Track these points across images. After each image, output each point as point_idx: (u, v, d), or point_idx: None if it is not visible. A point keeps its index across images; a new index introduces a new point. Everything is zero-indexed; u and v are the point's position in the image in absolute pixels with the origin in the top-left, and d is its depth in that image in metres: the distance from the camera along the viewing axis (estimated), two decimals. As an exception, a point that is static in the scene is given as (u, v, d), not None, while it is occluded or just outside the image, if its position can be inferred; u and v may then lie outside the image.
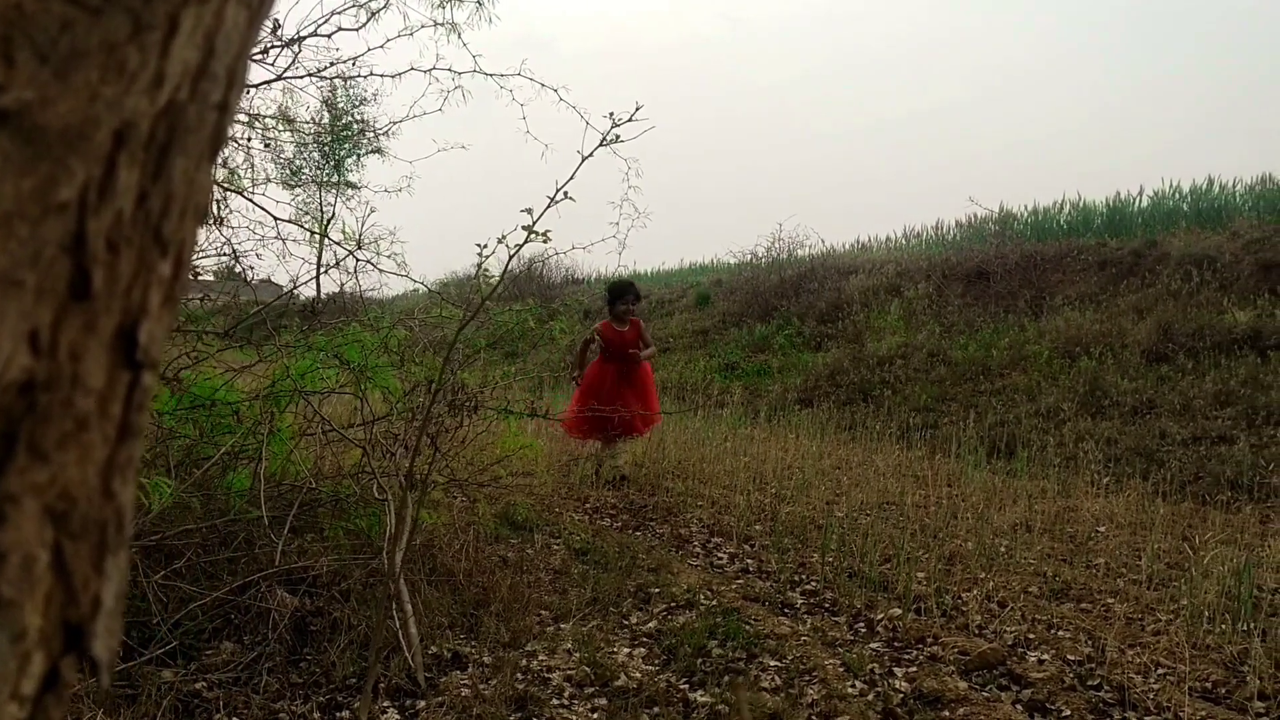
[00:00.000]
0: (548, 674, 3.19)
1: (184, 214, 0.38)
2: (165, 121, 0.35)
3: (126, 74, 0.33)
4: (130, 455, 0.37)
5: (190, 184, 0.37)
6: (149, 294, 0.36)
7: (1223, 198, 14.26)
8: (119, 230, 0.34)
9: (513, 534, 5.17)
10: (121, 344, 0.35)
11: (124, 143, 0.34)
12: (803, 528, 5.51)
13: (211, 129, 0.38)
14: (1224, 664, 3.40)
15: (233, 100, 0.39)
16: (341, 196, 23.41)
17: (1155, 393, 9.04)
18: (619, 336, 7.17)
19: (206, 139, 0.38)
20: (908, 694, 3.19)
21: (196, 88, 0.36)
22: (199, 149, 0.37)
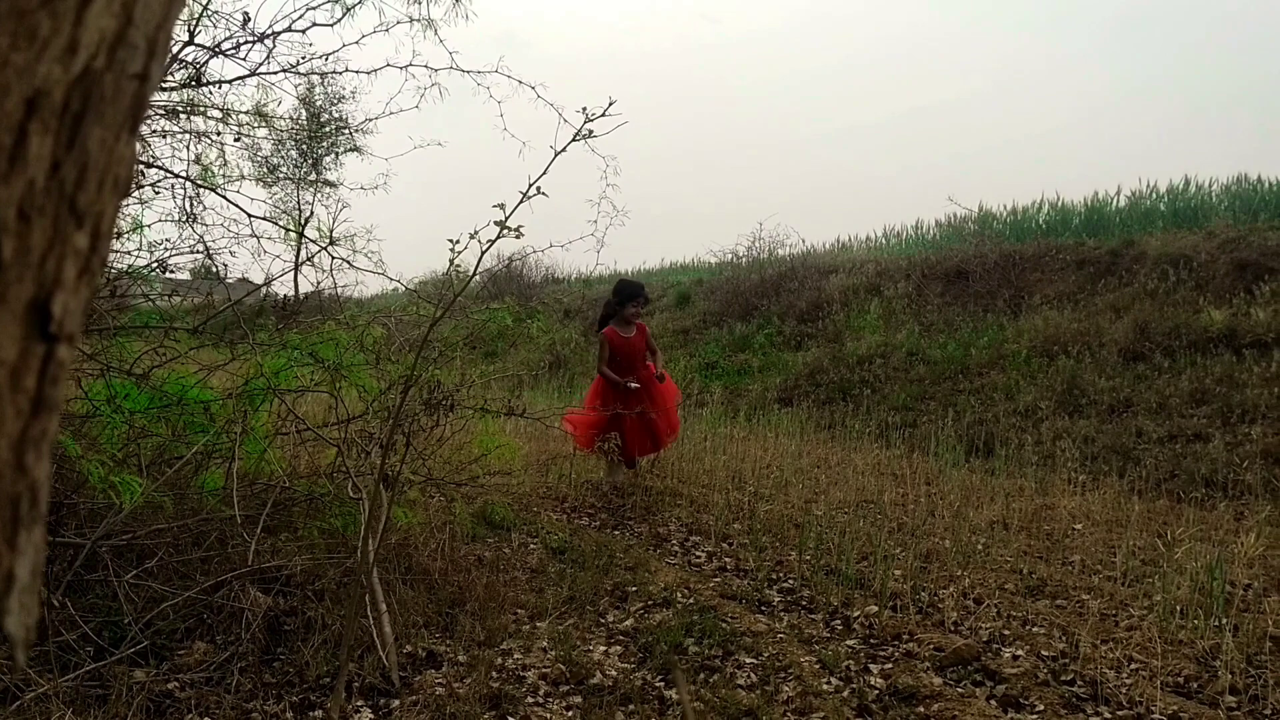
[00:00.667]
0: (523, 672, 3.18)
1: (102, 185, 0.37)
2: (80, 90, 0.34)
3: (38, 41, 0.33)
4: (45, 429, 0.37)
5: (109, 155, 0.37)
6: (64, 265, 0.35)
7: (1199, 198, 14.37)
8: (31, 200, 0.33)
9: (490, 533, 5.15)
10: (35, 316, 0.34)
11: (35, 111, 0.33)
12: (781, 526, 5.51)
13: (131, 99, 0.37)
14: (1196, 659, 3.43)
15: (154, 71, 0.38)
16: (319, 195, 23.29)
17: (1132, 391, 9.09)
18: (627, 345, 6.62)
19: (125, 109, 0.37)
20: (883, 690, 3.19)
21: (114, 56, 0.35)
22: (117, 119, 0.37)
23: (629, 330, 6.66)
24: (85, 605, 3.32)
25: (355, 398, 4.93)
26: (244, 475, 4.24)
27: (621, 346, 6.62)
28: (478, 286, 21.86)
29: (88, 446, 3.78)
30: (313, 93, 22.38)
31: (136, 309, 4.62)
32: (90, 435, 3.96)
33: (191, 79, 4.47)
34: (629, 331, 6.66)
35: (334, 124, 21.59)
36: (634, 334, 6.67)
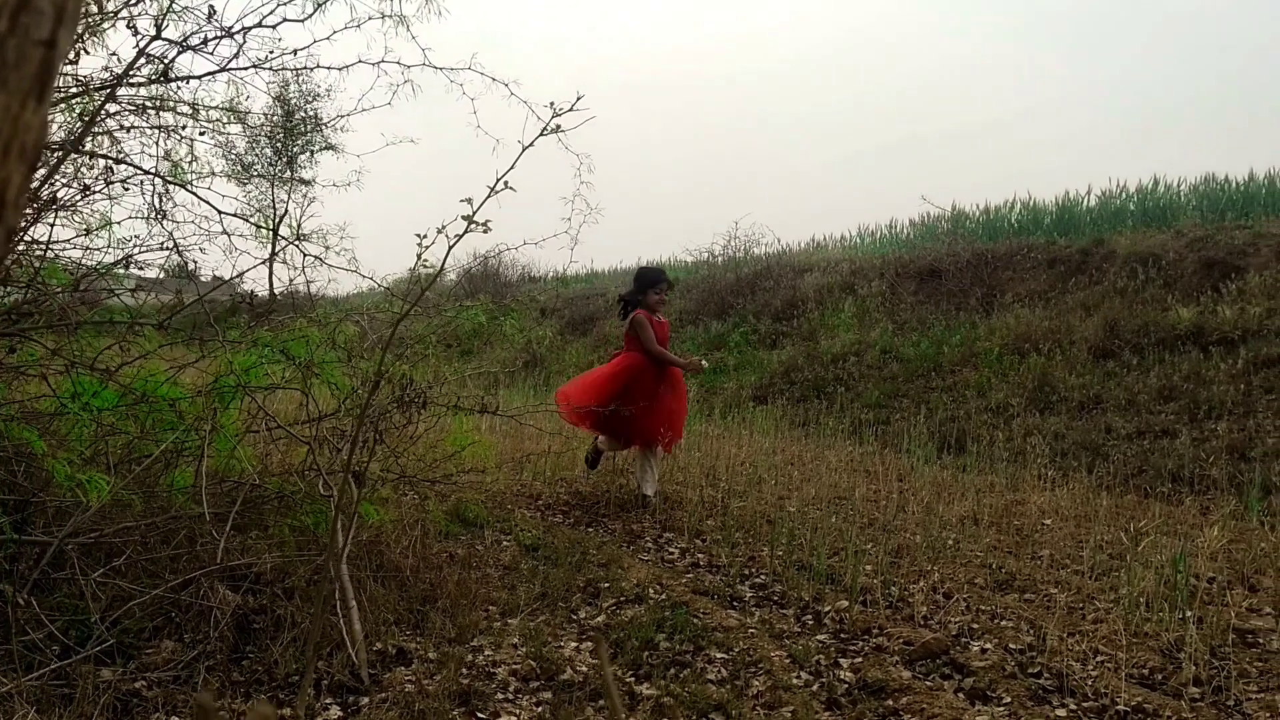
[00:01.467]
0: (493, 669, 3.18)
1: (6, 153, 0.36)
2: (-19, 56, 0.34)
3: (-58, 7, 0.32)
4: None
5: (14, 122, 0.36)
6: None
7: (1168, 197, 14.52)
8: (-67, 168, 0.33)
9: (463, 531, 5.13)
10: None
11: (-63, 78, 0.33)
12: (754, 522, 5.53)
13: (37, 66, 0.37)
14: (1161, 651, 3.46)
15: (62, 37, 0.38)
16: (294, 193, 23.13)
17: (1102, 388, 9.18)
18: (662, 329, 6.22)
19: (31, 76, 0.37)
20: (852, 684, 3.21)
21: (16, 21, 0.35)
22: (22, 86, 0.36)
23: (657, 315, 6.26)
24: (52, 604, 3.29)
25: (328, 395, 4.91)
26: (214, 473, 4.21)
27: (659, 327, 6.19)
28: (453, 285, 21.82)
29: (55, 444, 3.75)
30: (287, 90, 22.28)
31: (105, 306, 4.57)
32: (58, 433, 3.92)
33: (159, 74, 4.42)
34: (658, 317, 6.27)
35: (309, 122, 21.47)
36: (662, 319, 6.31)
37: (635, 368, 6.06)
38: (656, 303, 6.21)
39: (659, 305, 6.25)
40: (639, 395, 5.91)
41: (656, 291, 6.21)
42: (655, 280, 6.28)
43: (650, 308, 6.18)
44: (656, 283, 6.26)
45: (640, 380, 6.00)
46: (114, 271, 4.61)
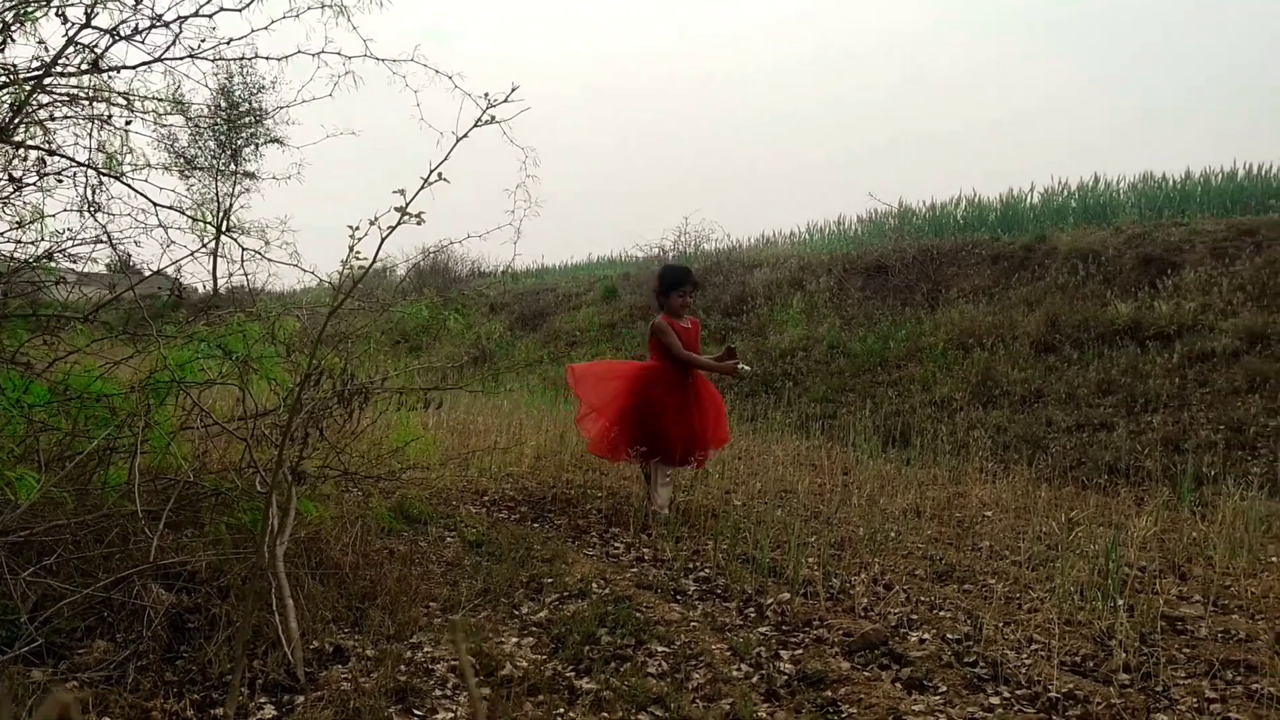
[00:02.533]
0: (432, 665, 3.16)
1: None
2: None
3: None
4: None
5: None
6: None
7: (1108, 194, 14.81)
8: None
9: (407, 528, 5.09)
10: None
11: None
12: (699, 517, 5.55)
13: None
14: (1093, 638, 3.53)
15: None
16: (239, 187, 22.81)
17: (1043, 382, 9.34)
18: (686, 334, 5.67)
19: None
20: (792, 675, 3.23)
21: None
22: None
23: (681, 319, 5.73)
24: (-23, 605, 3.21)
25: (267, 391, 4.85)
26: (148, 470, 4.14)
27: (682, 333, 5.65)
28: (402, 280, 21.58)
29: (-18, 442, 3.66)
30: (231, 82, 21.95)
31: (32, 299, 4.47)
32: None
33: (90, 64, 4.33)
34: (681, 320, 5.73)
35: (252, 114, 21.16)
36: (688, 323, 5.76)
37: (654, 375, 5.64)
38: (680, 306, 5.70)
39: (683, 308, 5.73)
40: (658, 407, 5.49)
41: (680, 293, 5.68)
42: (678, 281, 5.72)
43: (673, 311, 5.68)
44: (680, 284, 5.70)
45: (659, 390, 5.57)
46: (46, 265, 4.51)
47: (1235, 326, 8.81)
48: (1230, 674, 3.18)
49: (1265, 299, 9.22)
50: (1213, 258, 10.49)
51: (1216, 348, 8.65)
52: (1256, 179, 13.61)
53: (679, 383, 5.59)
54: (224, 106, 22.07)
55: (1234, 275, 9.88)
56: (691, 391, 5.63)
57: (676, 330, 5.57)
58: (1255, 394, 7.73)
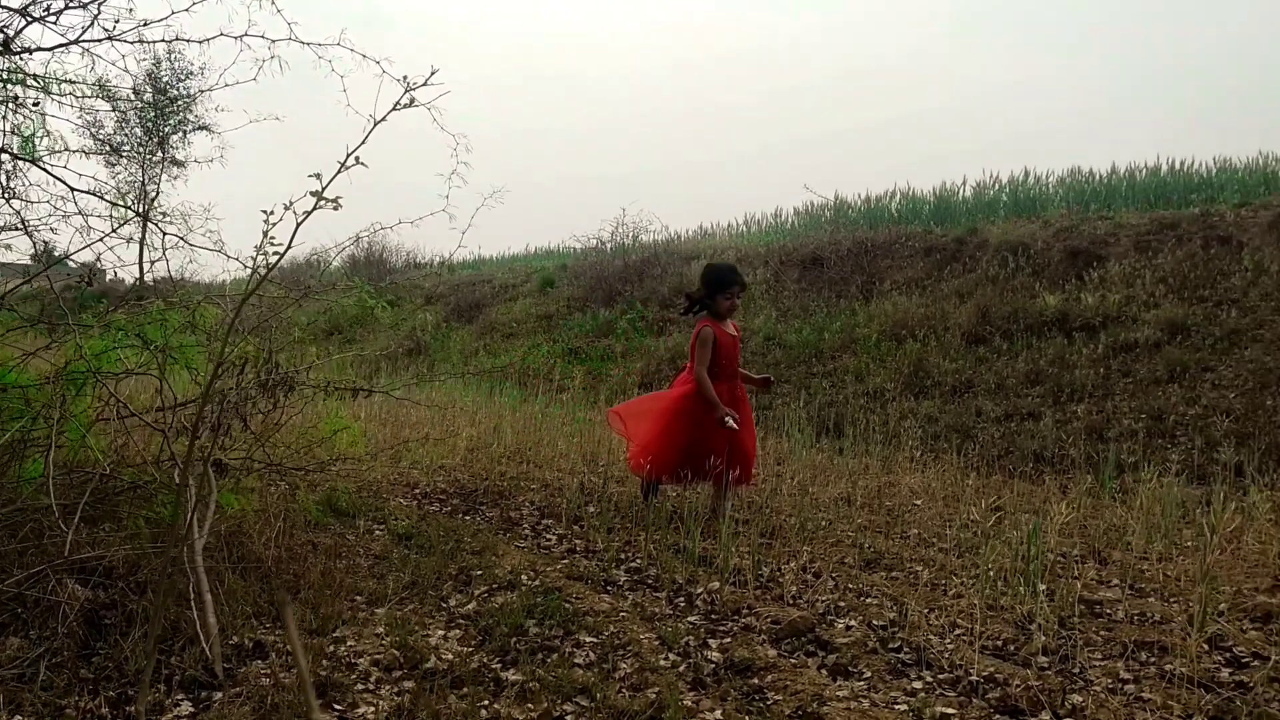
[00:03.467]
0: (355, 659, 3.11)
1: None
2: None
3: None
4: None
5: None
6: None
7: (1037, 189, 15.10)
8: None
9: (335, 520, 5.02)
10: None
11: None
12: (633, 507, 5.54)
13: None
14: (1014, 623, 3.59)
15: None
16: (166, 174, 22.30)
17: (973, 373, 9.49)
18: (731, 342, 5.28)
19: None
20: (720, 664, 3.24)
21: None
22: None
23: (727, 325, 5.31)
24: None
25: (188, 381, 4.74)
26: (64, 463, 4.02)
27: (726, 343, 5.22)
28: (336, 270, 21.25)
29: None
30: (159, 68, 21.40)
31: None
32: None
33: (0, 45, 4.18)
34: (728, 326, 5.32)
35: (180, 100, 20.66)
36: (732, 328, 5.37)
37: (686, 402, 5.26)
38: (728, 309, 5.28)
39: (730, 312, 5.32)
40: (710, 436, 5.12)
41: (727, 295, 5.24)
42: (725, 282, 5.26)
43: (719, 315, 5.27)
44: (727, 285, 5.25)
45: (701, 415, 5.17)
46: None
47: (1157, 318, 9.04)
48: (1144, 655, 3.25)
49: (1185, 291, 9.47)
50: (1136, 251, 10.75)
51: (1139, 338, 8.86)
52: (1179, 174, 13.98)
53: (725, 395, 5.20)
54: (151, 92, 21.55)
55: (1156, 268, 10.13)
56: (734, 405, 5.24)
57: (720, 339, 5.18)
58: (1175, 384, 7.94)
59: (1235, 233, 10.14)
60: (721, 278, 5.27)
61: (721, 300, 5.23)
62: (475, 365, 13.30)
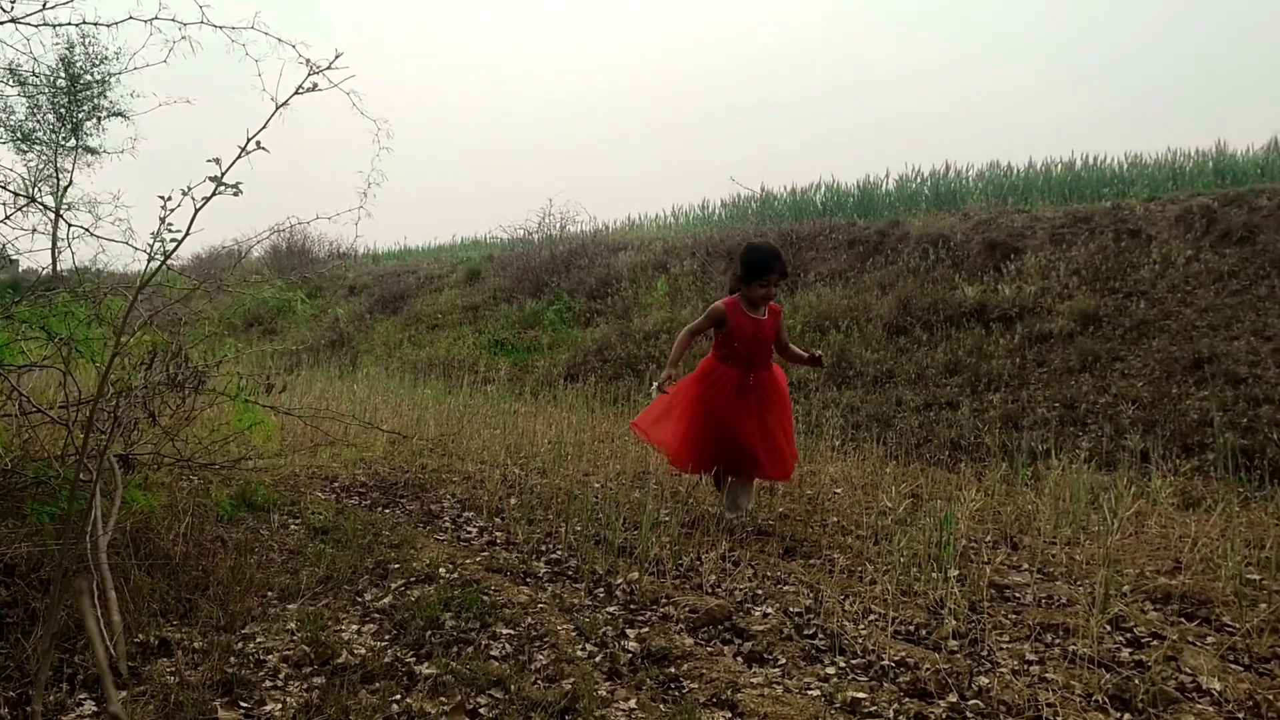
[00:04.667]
0: (264, 655, 3.05)
1: None
2: None
3: None
4: None
5: None
6: None
7: (958, 182, 15.38)
8: None
9: (249, 515, 4.92)
10: None
11: None
12: (557, 499, 5.52)
13: None
14: (927, 608, 3.66)
15: None
16: (80, 161, 21.62)
17: (894, 363, 9.64)
18: (755, 328, 4.88)
19: None
20: (637, 653, 3.25)
21: None
22: None
23: (758, 310, 4.90)
24: None
25: (94, 375, 4.60)
26: (-40, 460, 3.88)
27: (745, 328, 4.85)
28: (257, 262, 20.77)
29: None
30: (73, 53, 20.72)
31: None
32: None
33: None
34: (758, 312, 4.90)
35: (94, 85, 20.05)
36: (764, 315, 4.92)
37: (707, 387, 4.96)
38: (760, 299, 4.84)
39: (766, 298, 4.85)
40: (730, 424, 4.83)
41: (763, 283, 4.80)
42: (762, 268, 4.78)
43: (750, 302, 4.87)
44: (763, 272, 4.78)
45: (723, 402, 4.87)
46: None
47: (1070, 309, 9.27)
48: (1050, 637, 3.34)
49: (1097, 283, 9.73)
50: (1051, 243, 11.01)
51: (1053, 329, 9.08)
52: (1092, 169, 14.36)
53: (728, 383, 4.88)
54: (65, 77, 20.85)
55: (1070, 260, 10.39)
56: (756, 389, 4.90)
57: (734, 322, 4.83)
58: (1086, 373, 8.15)
59: (1144, 226, 10.44)
60: (761, 263, 4.78)
61: (756, 288, 4.80)
62: (399, 357, 13.14)
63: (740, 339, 4.86)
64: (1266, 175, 12.10)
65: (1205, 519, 4.80)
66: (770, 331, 4.92)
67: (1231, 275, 8.75)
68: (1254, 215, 9.49)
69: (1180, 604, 3.65)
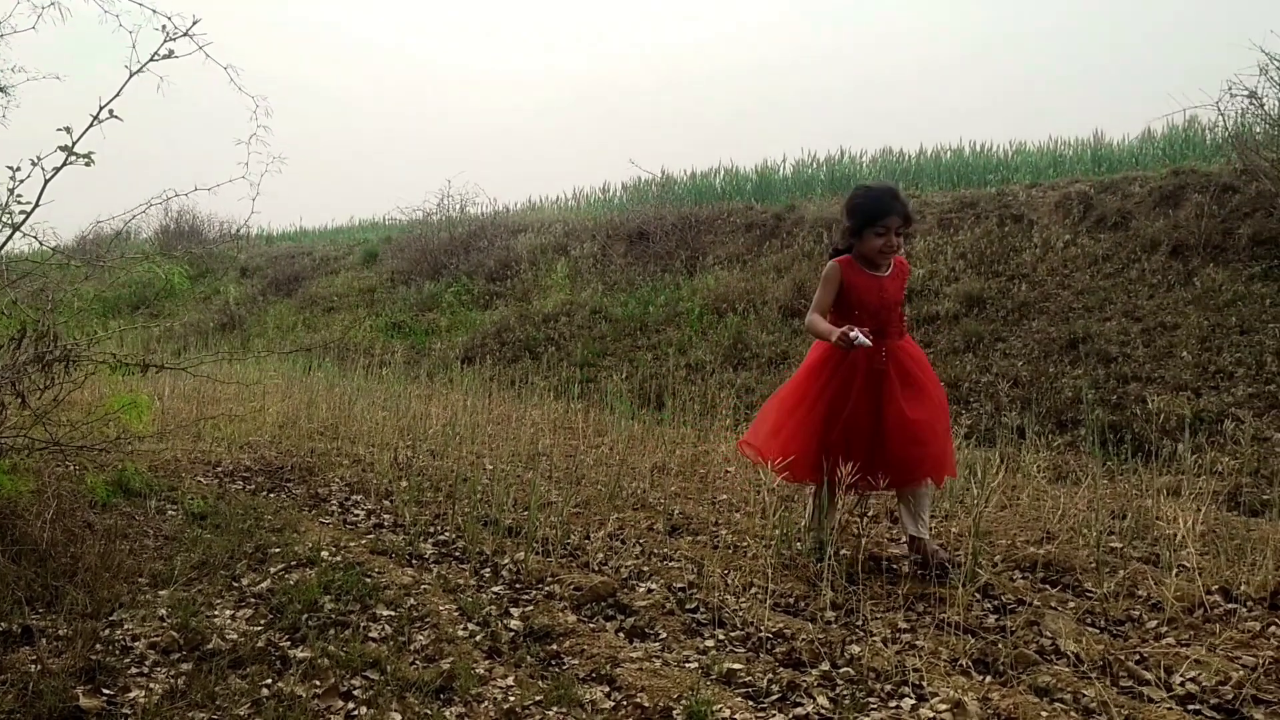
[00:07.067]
0: (131, 642, 2.96)
1: None
2: None
3: None
4: None
5: None
6: None
7: (852, 167, 15.66)
8: None
9: (125, 501, 4.77)
10: None
11: None
12: (449, 481, 5.48)
13: None
14: (807, 580, 3.74)
15: None
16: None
17: (789, 345, 9.79)
18: (875, 287, 3.86)
19: None
20: (520, 631, 3.25)
21: None
22: None
23: (879, 268, 3.90)
24: None
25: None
26: None
27: (865, 289, 3.85)
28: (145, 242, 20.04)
29: None
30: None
31: None
32: None
33: None
34: (879, 269, 3.90)
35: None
36: (887, 273, 3.91)
37: (828, 360, 3.95)
38: (881, 248, 3.81)
39: (886, 250, 3.83)
40: (856, 414, 3.82)
41: (879, 231, 3.78)
42: (877, 211, 3.79)
43: (866, 258, 3.87)
44: (877, 216, 3.78)
45: (846, 388, 3.85)
46: None
47: (956, 291, 9.53)
48: (923, 606, 3.45)
49: (982, 266, 10.02)
50: (940, 228, 11.29)
51: (941, 311, 9.33)
52: (980, 155, 14.76)
53: (855, 365, 3.84)
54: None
55: (957, 244, 10.67)
56: (889, 374, 3.84)
57: (855, 282, 3.85)
58: (970, 353, 8.40)
59: (1027, 211, 10.78)
60: (874, 207, 3.81)
61: (870, 238, 3.80)
62: (293, 340, 12.85)
63: (861, 304, 3.84)
64: (1140, 163, 12.60)
65: (1074, 492, 5.00)
66: (896, 293, 3.92)
67: (1105, 259, 9.11)
68: (1127, 201, 9.89)
69: (1045, 571, 3.81)
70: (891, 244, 3.81)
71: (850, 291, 3.88)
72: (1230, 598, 3.36)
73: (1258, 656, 2.84)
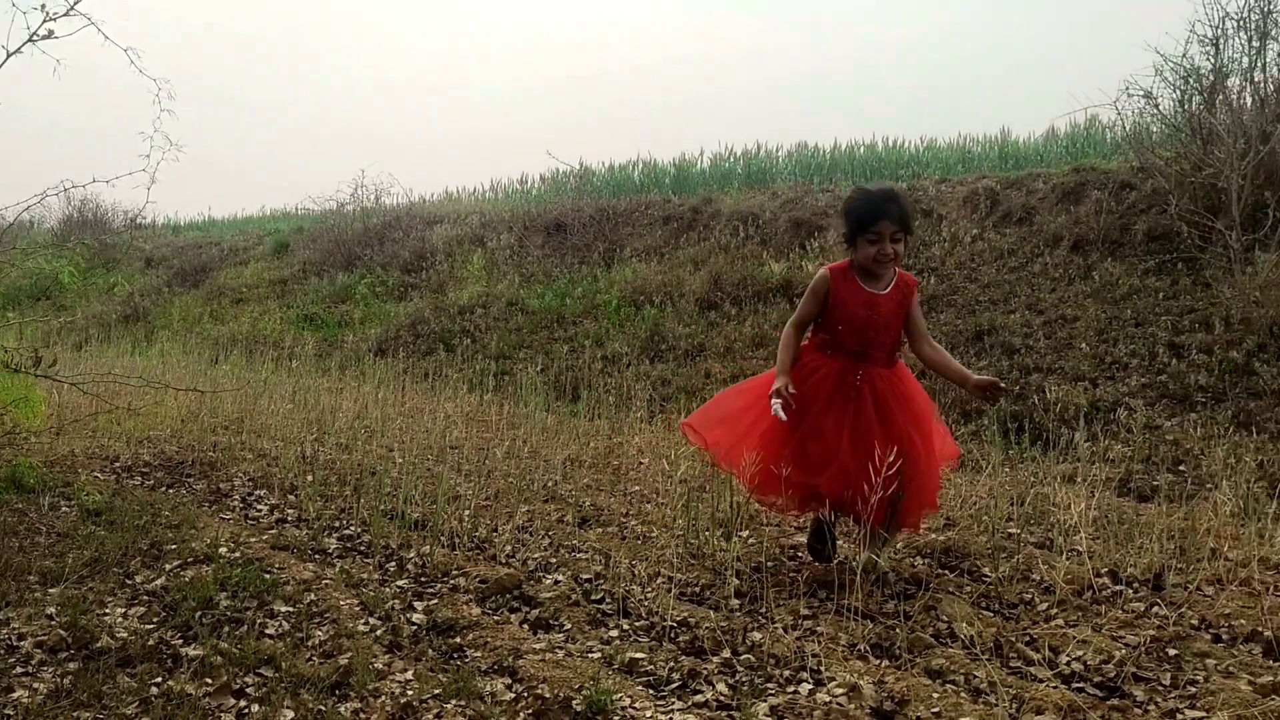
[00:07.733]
0: (17, 641, 2.86)
1: None
2: None
3: None
4: None
5: None
6: None
7: (768, 161, 15.83)
8: None
9: (17, 497, 4.60)
10: None
11: None
12: (356, 474, 5.40)
13: None
14: (714, 570, 3.77)
15: None
16: None
17: (705, 337, 9.86)
18: (867, 304, 3.51)
19: None
20: (423, 625, 3.22)
21: None
22: None
23: (875, 281, 3.53)
24: None
25: None
26: None
27: (853, 301, 3.50)
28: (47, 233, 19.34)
29: None
30: None
31: None
32: None
33: None
34: (875, 283, 3.52)
35: None
36: (886, 288, 3.52)
37: (803, 366, 3.64)
38: (877, 256, 3.42)
39: (884, 259, 3.43)
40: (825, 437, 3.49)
41: (872, 235, 3.40)
42: (870, 215, 3.44)
43: (861, 266, 3.50)
44: (870, 220, 3.42)
45: (811, 405, 3.52)
46: None
47: (868, 284, 9.70)
48: (824, 593, 3.49)
49: (894, 260, 10.22)
50: (853, 222, 11.48)
51: (852, 304, 9.48)
52: (892, 151, 15.05)
53: (826, 383, 3.55)
54: None
55: (870, 238, 10.87)
56: (867, 390, 3.52)
57: (839, 294, 3.51)
58: (881, 345, 8.57)
59: (936, 206, 11.02)
60: (867, 209, 3.46)
61: (863, 244, 3.44)
62: (200, 332, 12.52)
63: (847, 320, 3.51)
64: (1044, 160, 12.97)
65: (975, 480, 5.13)
66: (892, 312, 3.54)
67: (1010, 253, 9.35)
68: (1031, 197, 10.17)
69: (944, 557, 3.89)
70: (886, 252, 3.41)
71: (836, 301, 3.51)
72: (1118, 580, 3.48)
73: (1140, 635, 2.94)
